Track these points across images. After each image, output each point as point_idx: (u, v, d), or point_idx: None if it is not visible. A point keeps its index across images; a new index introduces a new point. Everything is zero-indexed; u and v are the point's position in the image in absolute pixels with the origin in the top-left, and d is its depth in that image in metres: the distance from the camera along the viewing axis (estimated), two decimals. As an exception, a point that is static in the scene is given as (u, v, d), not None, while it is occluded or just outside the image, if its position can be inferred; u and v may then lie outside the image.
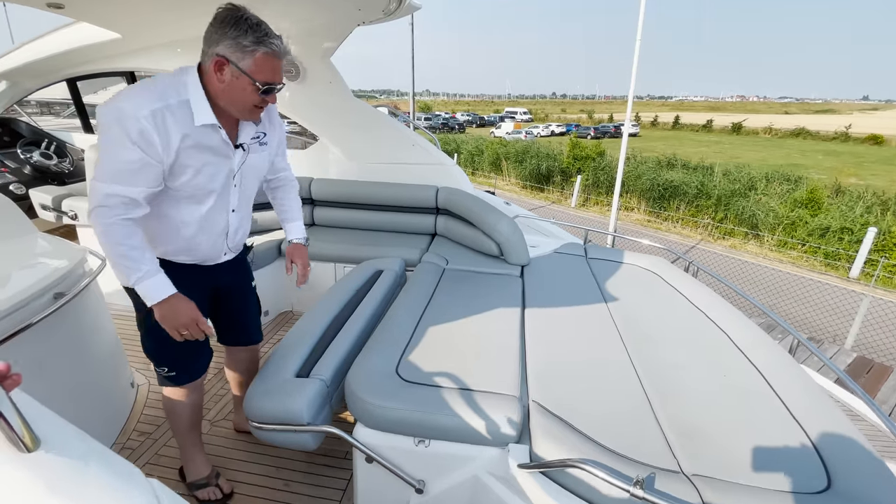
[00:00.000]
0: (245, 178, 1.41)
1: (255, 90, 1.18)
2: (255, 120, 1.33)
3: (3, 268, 1.68)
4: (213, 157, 1.28)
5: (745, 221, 12.55)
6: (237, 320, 1.72)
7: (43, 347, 1.62)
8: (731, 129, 52.64)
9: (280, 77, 1.23)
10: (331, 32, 2.81)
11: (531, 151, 19.00)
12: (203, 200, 1.33)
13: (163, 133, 1.14)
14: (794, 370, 1.75)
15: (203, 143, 1.23)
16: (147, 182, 1.18)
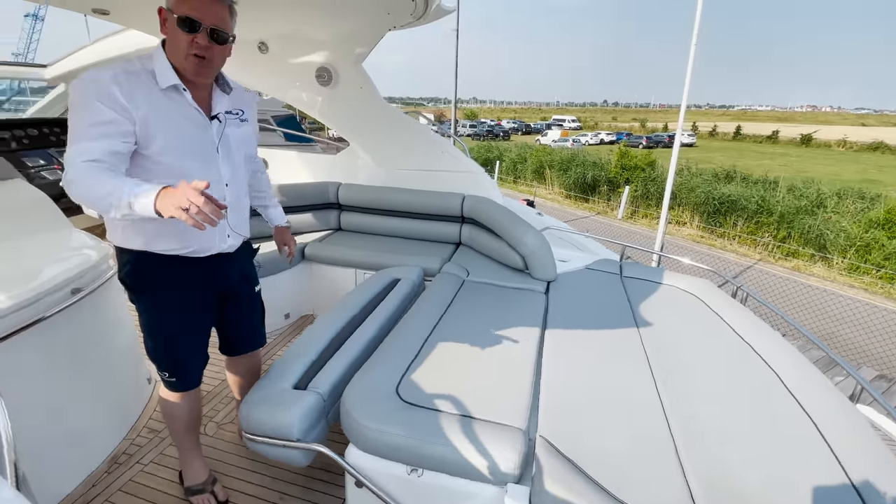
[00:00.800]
0: (230, 151, 1.38)
1: (181, 30, 1.15)
2: (196, 73, 1.23)
3: (27, 261, 1.74)
4: (186, 123, 1.26)
5: (811, 241, 11.52)
6: (243, 326, 1.67)
7: (60, 340, 1.66)
8: (799, 141, 48.94)
9: (211, 16, 1.17)
10: (362, 38, 2.79)
11: (577, 160, 18.48)
12: (189, 171, 1.27)
13: (126, 92, 1.14)
14: (852, 418, 1.49)
15: (171, 106, 1.23)
16: (119, 136, 1.14)
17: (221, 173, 1.37)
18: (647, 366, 1.78)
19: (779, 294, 8.08)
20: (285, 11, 2.56)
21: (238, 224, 1.49)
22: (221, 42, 1.22)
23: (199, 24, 1.16)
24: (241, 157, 1.45)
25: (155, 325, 1.43)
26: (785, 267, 11.29)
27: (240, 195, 1.48)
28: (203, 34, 1.17)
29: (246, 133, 1.45)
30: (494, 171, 21.51)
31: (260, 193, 1.76)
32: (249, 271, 1.65)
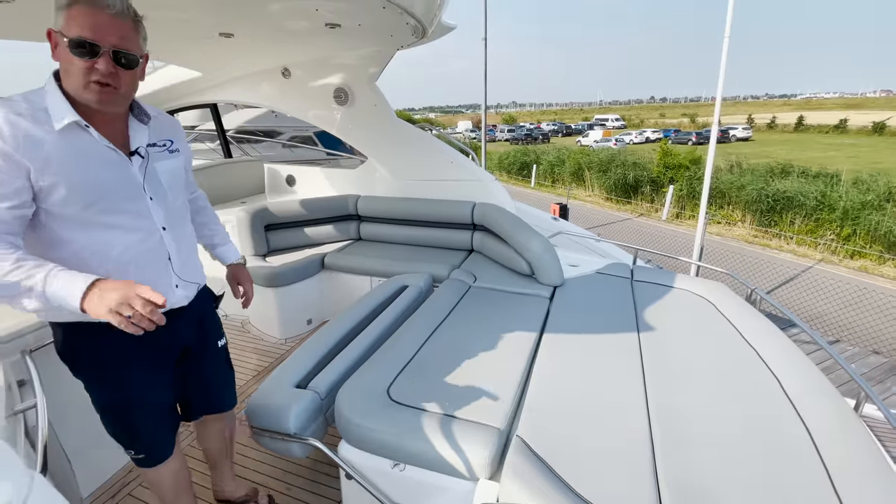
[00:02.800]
0: (162, 189, 1.20)
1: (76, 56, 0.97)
2: (100, 101, 1.02)
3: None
4: (96, 165, 1.05)
5: (880, 239, 10.57)
6: (207, 386, 1.49)
7: None
8: (871, 130, 44.78)
9: (112, 36, 0.99)
10: (374, 59, 2.97)
11: (617, 160, 17.96)
12: (113, 221, 1.09)
13: (13, 137, 0.95)
14: (853, 430, 1.43)
15: (74, 148, 1.02)
16: (9, 193, 0.96)
17: (155, 218, 1.18)
18: (640, 372, 1.78)
19: (840, 295, 7.47)
20: (303, 42, 2.78)
21: (187, 271, 1.28)
22: (129, 66, 1.04)
23: (98, 48, 0.98)
24: (177, 194, 1.27)
25: (105, 402, 1.26)
26: (850, 268, 10.41)
27: (183, 237, 1.28)
28: (105, 58, 0.99)
29: (177, 165, 1.27)
30: (531, 176, 21.33)
31: (206, 229, 1.55)
32: (211, 324, 1.46)
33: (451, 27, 2.84)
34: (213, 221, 1.57)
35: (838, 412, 1.51)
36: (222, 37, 2.51)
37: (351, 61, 3.04)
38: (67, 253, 1.07)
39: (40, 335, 1.66)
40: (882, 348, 5.87)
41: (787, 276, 9.24)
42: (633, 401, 1.61)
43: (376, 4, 1.85)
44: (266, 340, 2.99)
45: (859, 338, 6.34)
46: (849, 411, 1.51)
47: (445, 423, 1.47)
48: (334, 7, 1.97)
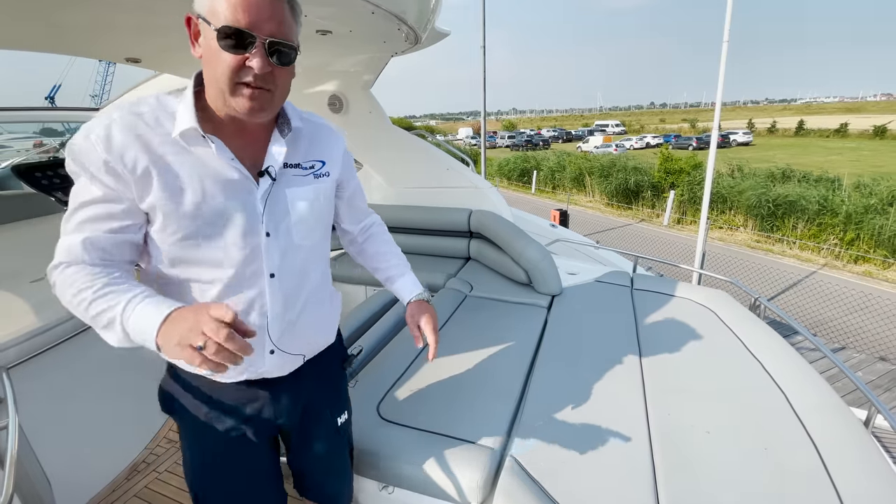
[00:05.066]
0: (285, 223, 0.90)
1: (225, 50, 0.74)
2: (251, 112, 0.79)
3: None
4: (210, 186, 0.81)
5: (883, 243, 10.48)
6: (316, 464, 1.16)
7: (86, 358, 1.86)
8: (872, 134, 44.73)
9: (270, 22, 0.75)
10: (368, 66, 2.93)
11: (617, 165, 17.94)
12: (214, 259, 0.85)
13: (118, 149, 0.76)
14: (863, 446, 1.36)
15: (187, 163, 0.80)
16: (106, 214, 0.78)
17: (265, 261, 0.88)
18: (640, 386, 1.72)
19: (843, 300, 7.37)
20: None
21: (292, 336, 0.96)
22: (286, 62, 0.79)
23: (254, 38, 0.74)
24: (309, 232, 0.94)
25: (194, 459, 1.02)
26: (854, 272, 10.32)
27: (300, 289, 0.96)
28: (259, 51, 0.75)
29: (320, 193, 0.95)
30: (532, 182, 21.32)
31: (378, 260, 1.21)
32: (326, 395, 1.13)
33: (445, 34, 2.80)
34: (388, 251, 1.22)
35: (848, 430, 1.44)
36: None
37: (345, 68, 3.01)
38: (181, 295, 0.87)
39: (21, 350, 1.61)
40: (889, 354, 5.77)
41: (790, 282, 9.15)
42: (632, 418, 1.54)
43: (365, 10, 1.81)
44: (259, 352, 2.94)
45: (865, 344, 6.24)
46: (859, 428, 1.44)
47: (437, 442, 1.40)
48: (323, 13, 1.93)
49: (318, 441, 1.12)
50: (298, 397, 1.05)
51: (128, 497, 1.84)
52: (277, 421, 1.03)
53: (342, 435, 1.19)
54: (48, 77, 15.44)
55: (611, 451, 1.40)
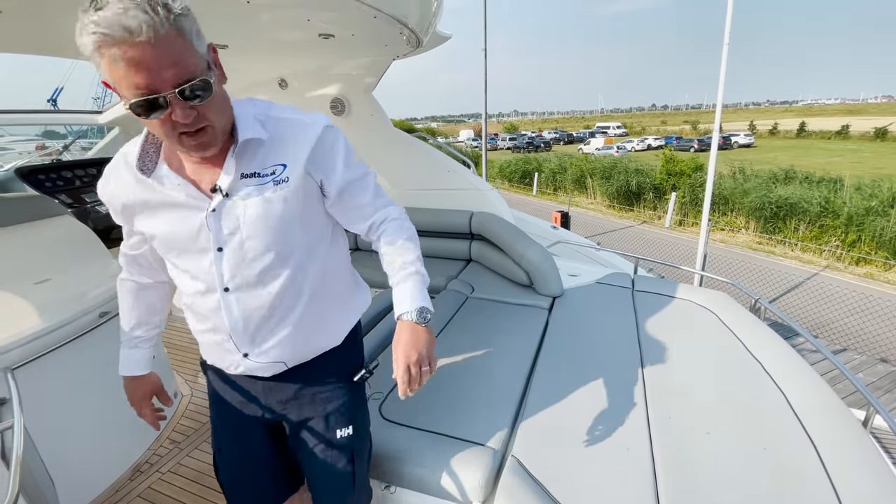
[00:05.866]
0: (238, 237, 0.88)
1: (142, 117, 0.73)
2: (200, 153, 0.82)
3: (64, 289, 1.97)
4: (164, 210, 0.88)
5: (885, 245, 10.47)
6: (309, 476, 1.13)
7: (90, 358, 1.87)
8: (873, 135, 44.68)
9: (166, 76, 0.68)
10: (370, 69, 2.95)
11: (619, 167, 17.95)
12: (188, 270, 0.93)
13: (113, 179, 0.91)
14: (863, 448, 1.37)
15: (148, 192, 0.88)
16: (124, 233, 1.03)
17: (214, 275, 0.90)
18: (641, 387, 1.72)
19: (845, 302, 7.35)
20: (298, 53, 2.78)
21: (257, 349, 0.97)
22: (207, 96, 0.74)
23: (164, 97, 0.70)
24: (268, 243, 0.90)
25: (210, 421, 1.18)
26: (855, 274, 10.30)
27: (260, 306, 0.93)
28: (175, 105, 0.71)
29: (278, 199, 0.88)
30: (533, 184, 21.33)
31: (385, 267, 1.06)
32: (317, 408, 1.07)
33: (447, 37, 2.82)
34: (392, 252, 1.02)
35: (847, 431, 1.44)
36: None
37: (347, 71, 3.03)
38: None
39: (25, 351, 1.63)
40: (890, 356, 5.75)
41: (791, 284, 9.13)
42: (633, 418, 1.55)
43: (367, 14, 1.83)
44: (261, 353, 2.95)
45: (866, 346, 6.22)
46: (858, 429, 1.45)
47: (439, 442, 1.41)
48: (326, 17, 1.95)
49: (307, 448, 1.08)
50: (286, 399, 1.06)
51: (131, 497, 1.85)
52: (265, 415, 1.08)
53: (341, 450, 1.07)
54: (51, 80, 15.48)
55: (612, 451, 1.40)
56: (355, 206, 1.01)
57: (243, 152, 0.86)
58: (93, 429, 1.88)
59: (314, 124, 0.91)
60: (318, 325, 1.03)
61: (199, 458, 2.05)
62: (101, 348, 1.91)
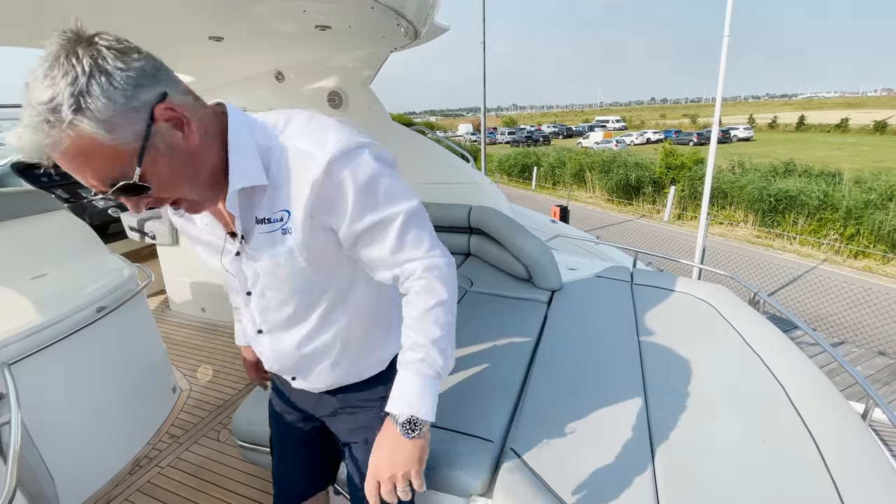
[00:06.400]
0: (260, 286, 0.85)
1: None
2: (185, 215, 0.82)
3: (61, 284, 1.97)
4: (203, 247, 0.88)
5: (883, 238, 10.49)
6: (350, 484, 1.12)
7: (88, 353, 1.87)
8: (873, 129, 44.61)
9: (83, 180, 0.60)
10: (367, 62, 2.93)
11: (618, 161, 17.92)
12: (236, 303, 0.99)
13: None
14: (862, 440, 1.37)
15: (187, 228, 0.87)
16: None
17: (252, 315, 0.90)
18: (640, 380, 1.73)
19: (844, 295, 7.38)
20: (294, 45, 2.75)
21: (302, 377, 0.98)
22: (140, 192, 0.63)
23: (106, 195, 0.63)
24: (287, 295, 0.85)
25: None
26: (854, 268, 10.33)
27: (290, 349, 0.92)
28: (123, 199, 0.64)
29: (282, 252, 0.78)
30: (532, 178, 21.30)
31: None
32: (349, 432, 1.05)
33: (445, 28, 2.80)
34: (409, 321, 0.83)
35: (846, 423, 1.45)
36: (212, 41, 2.48)
37: (344, 64, 3.00)
38: None
39: (23, 346, 1.62)
40: (888, 349, 5.78)
41: (790, 277, 9.15)
42: (632, 411, 1.55)
43: (364, 5, 1.81)
44: (260, 348, 2.95)
45: (865, 339, 6.25)
46: (857, 421, 1.45)
47: (438, 436, 1.41)
48: (322, 8, 1.93)
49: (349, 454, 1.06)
50: (333, 411, 1.05)
51: (130, 492, 1.85)
52: (314, 419, 1.10)
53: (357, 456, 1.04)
54: (47, 74, 15.25)
55: (610, 444, 1.40)
56: (374, 257, 0.81)
57: (249, 196, 0.74)
58: (92, 424, 1.88)
59: (315, 159, 0.71)
60: (358, 358, 0.97)
61: (198, 453, 2.05)
62: (99, 343, 1.90)
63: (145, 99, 0.59)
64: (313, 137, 0.73)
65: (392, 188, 0.77)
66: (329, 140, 0.72)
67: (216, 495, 1.83)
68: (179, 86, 0.65)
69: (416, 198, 0.80)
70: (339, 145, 0.71)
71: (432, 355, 0.80)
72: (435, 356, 0.80)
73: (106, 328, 1.92)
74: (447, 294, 0.82)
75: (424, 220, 0.83)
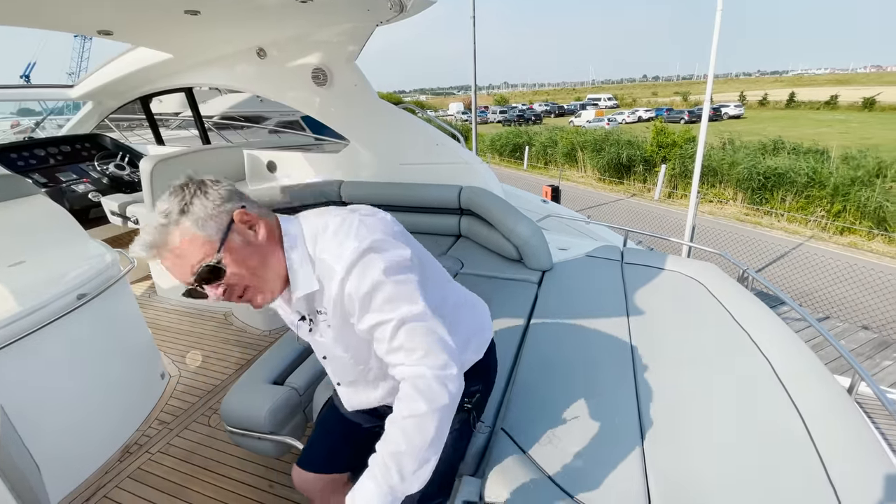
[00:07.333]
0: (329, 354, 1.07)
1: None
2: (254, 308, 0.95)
3: (40, 271, 1.91)
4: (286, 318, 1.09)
5: (869, 215, 10.63)
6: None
7: (70, 341, 1.83)
8: (861, 106, 44.76)
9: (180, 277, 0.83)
10: (352, 36, 2.82)
11: (610, 139, 17.83)
12: None
13: None
14: (847, 413, 1.39)
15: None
16: None
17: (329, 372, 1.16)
18: (629, 358, 1.73)
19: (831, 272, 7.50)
20: (276, 19, 2.64)
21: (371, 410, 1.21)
22: (220, 276, 0.83)
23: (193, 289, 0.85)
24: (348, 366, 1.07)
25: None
26: (839, 244, 10.49)
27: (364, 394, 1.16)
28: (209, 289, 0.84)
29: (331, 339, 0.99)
30: (524, 158, 21.15)
31: None
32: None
33: (432, 1, 2.69)
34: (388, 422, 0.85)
35: (832, 396, 1.47)
36: (188, 14, 2.37)
37: (328, 39, 2.89)
38: None
39: (2, 335, 1.58)
40: (871, 323, 5.92)
41: (777, 254, 9.28)
42: (621, 389, 1.56)
43: (346, -25, 1.72)
44: (249, 333, 2.92)
45: (849, 313, 6.39)
46: (842, 395, 1.47)
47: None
48: (303, -22, 1.84)
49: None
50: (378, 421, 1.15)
51: (121, 479, 1.84)
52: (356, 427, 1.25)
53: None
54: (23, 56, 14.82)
55: (600, 421, 1.41)
56: (381, 351, 0.89)
57: (309, 297, 0.94)
58: (78, 411, 1.85)
59: (335, 272, 0.87)
60: None
61: (188, 438, 2.04)
62: (82, 330, 1.86)
63: (228, 208, 0.84)
64: (335, 252, 0.88)
65: (394, 294, 0.86)
66: (345, 252, 0.86)
67: (208, 480, 1.83)
68: (255, 203, 0.90)
69: (420, 303, 0.87)
70: (351, 257, 0.85)
71: (389, 467, 0.81)
72: (390, 471, 0.81)
73: (88, 315, 1.87)
74: (426, 407, 0.82)
75: (423, 324, 0.86)
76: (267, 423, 1.46)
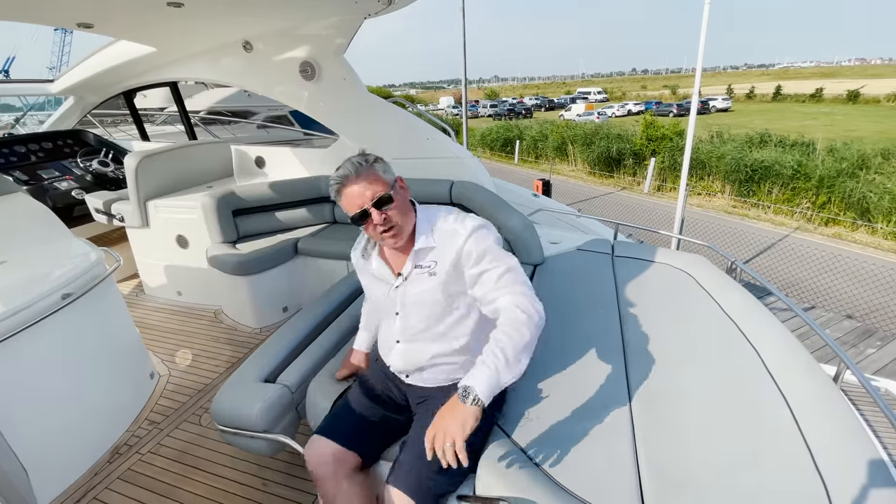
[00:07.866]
0: (408, 308, 1.33)
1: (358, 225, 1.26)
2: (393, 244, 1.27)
3: (22, 270, 1.87)
4: (374, 286, 1.39)
5: (853, 206, 10.81)
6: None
7: (56, 342, 1.79)
8: (846, 98, 45.42)
9: (361, 200, 1.19)
10: (340, 29, 2.79)
11: (600, 133, 17.88)
12: (381, 314, 1.45)
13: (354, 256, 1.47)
14: (833, 402, 1.41)
15: (366, 271, 1.41)
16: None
17: (394, 330, 1.37)
18: (620, 350, 1.75)
19: (815, 262, 7.62)
20: (262, 11, 2.60)
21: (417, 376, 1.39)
22: (387, 203, 1.20)
23: (366, 213, 1.20)
24: (423, 313, 1.32)
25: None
26: (824, 235, 10.66)
27: (421, 353, 1.35)
28: (373, 217, 1.20)
29: (428, 287, 1.29)
30: (515, 151, 21.15)
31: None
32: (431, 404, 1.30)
33: (421, -7, 2.66)
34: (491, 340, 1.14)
35: (818, 385, 1.49)
36: (171, 7, 2.31)
37: (316, 32, 2.86)
38: None
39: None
40: (855, 312, 6.04)
41: (764, 245, 9.41)
42: (613, 381, 1.57)
43: (333, -34, 1.70)
44: (240, 331, 2.89)
45: (833, 303, 6.51)
46: (828, 383, 1.50)
47: (420, 413, 1.40)
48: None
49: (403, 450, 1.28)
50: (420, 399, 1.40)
51: (111, 480, 1.82)
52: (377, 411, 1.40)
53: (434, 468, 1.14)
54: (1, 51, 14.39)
55: (592, 414, 1.42)
56: (486, 290, 1.24)
57: (419, 251, 1.29)
58: (65, 413, 1.82)
59: (459, 234, 1.26)
60: (462, 367, 1.36)
61: (179, 438, 2.02)
62: (67, 331, 1.83)
63: (394, 172, 1.29)
64: (460, 224, 1.28)
65: (500, 255, 1.26)
66: (468, 224, 1.27)
67: (200, 480, 1.81)
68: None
69: (514, 259, 1.27)
70: (473, 225, 1.27)
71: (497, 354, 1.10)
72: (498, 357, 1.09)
73: (73, 315, 1.83)
74: (525, 317, 1.15)
75: (521, 275, 1.25)
76: (259, 422, 1.45)
